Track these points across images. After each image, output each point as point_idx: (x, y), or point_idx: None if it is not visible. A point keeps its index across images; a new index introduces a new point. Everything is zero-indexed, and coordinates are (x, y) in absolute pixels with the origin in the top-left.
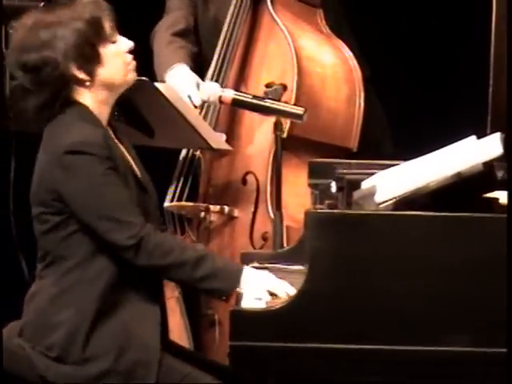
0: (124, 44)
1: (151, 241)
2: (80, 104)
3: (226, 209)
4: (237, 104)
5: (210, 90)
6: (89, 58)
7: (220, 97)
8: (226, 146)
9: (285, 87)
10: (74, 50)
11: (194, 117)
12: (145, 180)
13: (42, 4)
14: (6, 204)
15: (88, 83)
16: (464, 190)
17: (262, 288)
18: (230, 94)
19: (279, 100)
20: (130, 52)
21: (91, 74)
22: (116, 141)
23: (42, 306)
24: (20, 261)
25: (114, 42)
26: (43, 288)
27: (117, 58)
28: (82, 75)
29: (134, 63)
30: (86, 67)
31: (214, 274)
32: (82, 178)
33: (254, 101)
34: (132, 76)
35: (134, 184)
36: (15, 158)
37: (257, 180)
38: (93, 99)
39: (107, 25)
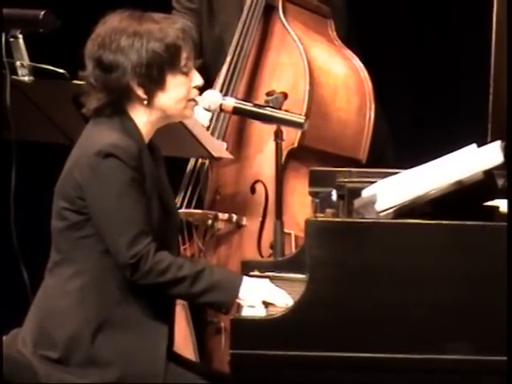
0: (195, 80)
1: (149, 261)
2: (128, 116)
3: (235, 217)
4: (238, 112)
5: (211, 98)
6: (153, 80)
7: (221, 105)
8: (226, 155)
9: (285, 96)
10: (142, 67)
11: (195, 125)
12: (169, 202)
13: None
14: (7, 213)
15: (145, 102)
16: (464, 199)
17: (259, 298)
18: (230, 102)
19: (280, 108)
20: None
21: (150, 94)
22: (151, 160)
23: (47, 308)
24: (21, 269)
25: (185, 74)
26: (51, 289)
27: (180, 90)
28: (140, 92)
29: (193, 103)
30: (147, 87)
31: (213, 287)
32: (104, 182)
33: (255, 109)
34: (189, 113)
35: (158, 206)
36: (16, 167)
37: (265, 189)
38: (144, 117)
39: (184, 55)
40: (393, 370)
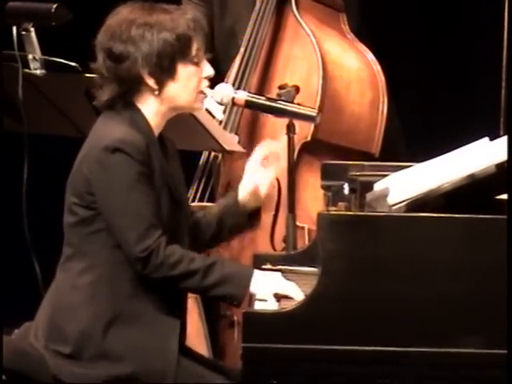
0: (205, 70)
1: (160, 254)
2: (138, 110)
3: None
4: (250, 106)
5: (224, 91)
6: (164, 69)
7: (233, 98)
8: (238, 148)
9: (298, 89)
10: (153, 57)
11: (207, 119)
12: (180, 194)
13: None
14: (20, 206)
15: (156, 92)
16: (477, 192)
17: (270, 290)
18: (243, 95)
19: (292, 102)
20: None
21: (161, 84)
22: (161, 153)
23: (59, 302)
24: (33, 262)
25: (196, 64)
26: (62, 284)
27: (191, 80)
28: (151, 82)
29: (203, 96)
30: (158, 77)
31: (224, 280)
32: (112, 177)
33: (267, 102)
34: (198, 105)
35: (168, 198)
36: (28, 161)
37: (278, 183)
38: (154, 108)
39: (195, 46)
40: (405, 364)
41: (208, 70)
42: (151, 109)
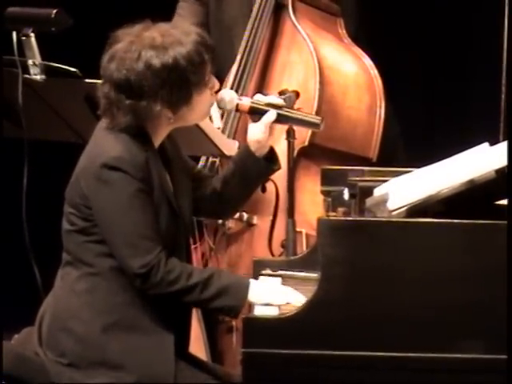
0: (215, 86)
1: (160, 271)
2: (142, 128)
3: (245, 216)
4: (253, 112)
5: (227, 97)
6: (181, 100)
7: (237, 105)
8: None
9: (298, 94)
10: (172, 92)
11: (207, 124)
12: (179, 205)
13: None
14: (20, 211)
15: (171, 120)
16: (477, 198)
17: (269, 299)
18: (247, 102)
19: (292, 107)
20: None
21: (176, 113)
22: (162, 166)
23: (58, 311)
24: (33, 267)
25: (207, 86)
26: (62, 289)
27: (205, 103)
28: (167, 113)
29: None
30: (175, 108)
31: (221, 292)
32: (111, 195)
33: (271, 109)
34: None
35: (167, 210)
36: (28, 166)
37: (276, 188)
38: (159, 126)
39: (208, 69)
40: (405, 369)
41: (215, 85)
42: (159, 128)
